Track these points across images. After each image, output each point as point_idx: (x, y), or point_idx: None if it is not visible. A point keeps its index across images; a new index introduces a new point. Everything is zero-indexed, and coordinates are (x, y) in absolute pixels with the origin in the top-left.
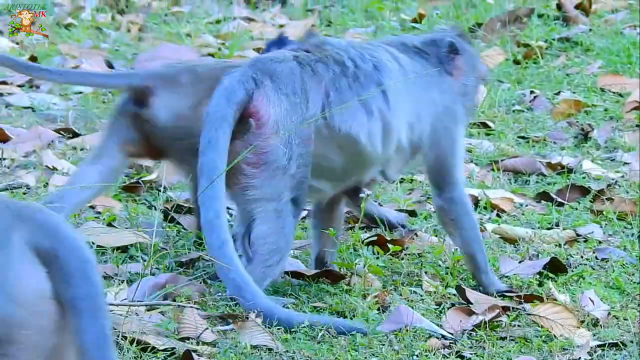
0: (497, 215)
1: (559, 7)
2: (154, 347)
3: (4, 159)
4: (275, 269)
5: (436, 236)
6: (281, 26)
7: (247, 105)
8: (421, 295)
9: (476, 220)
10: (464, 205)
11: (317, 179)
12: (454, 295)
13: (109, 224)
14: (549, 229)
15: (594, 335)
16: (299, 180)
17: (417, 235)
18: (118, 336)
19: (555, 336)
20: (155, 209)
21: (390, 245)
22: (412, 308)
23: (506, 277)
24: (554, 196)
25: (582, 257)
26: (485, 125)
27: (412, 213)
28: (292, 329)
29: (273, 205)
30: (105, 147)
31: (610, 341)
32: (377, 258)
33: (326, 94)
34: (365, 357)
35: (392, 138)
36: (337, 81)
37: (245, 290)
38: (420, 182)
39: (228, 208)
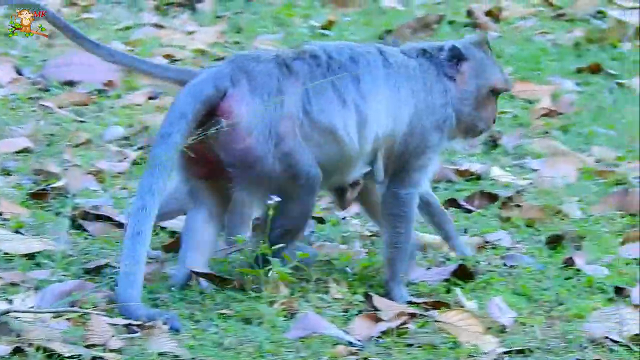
0: None
1: (469, 13)
2: (60, 355)
3: None
4: (295, 235)
5: (344, 244)
6: (191, 33)
7: (218, 103)
8: (329, 302)
9: (413, 230)
10: (407, 207)
11: None
12: (362, 302)
13: (16, 231)
14: None
15: (501, 342)
16: (301, 169)
17: (325, 243)
18: (24, 343)
19: (462, 343)
20: (63, 215)
21: (298, 252)
22: (320, 315)
23: (414, 283)
24: (463, 203)
25: (490, 264)
26: None
27: (320, 220)
28: (200, 337)
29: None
30: None
31: (517, 348)
32: (285, 265)
33: (305, 90)
34: None
35: (368, 130)
36: (313, 72)
37: (127, 281)
38: None
39: None
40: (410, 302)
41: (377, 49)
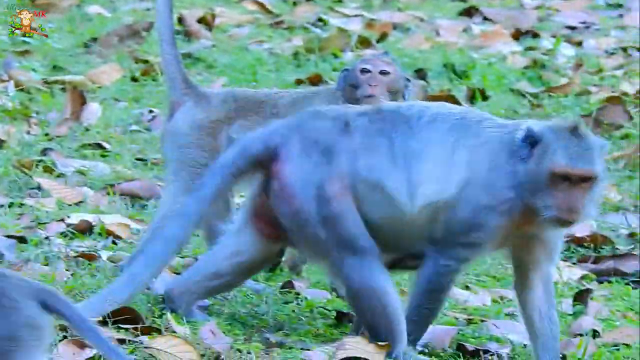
0: (113, 242)
1: (180, 20)
2: None
3: None
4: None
5: (47, 265)
6: None
7: (271, 164)
8: None
9: (442, 303)
10: (442, 278)
11: None
12: (66, 328)
13: None
14: None
15: None
16: (346, 236)
17: (27, 263)
18: None
19: None
20: None
21: None
22: None
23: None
24: None
25: None
26: (100, 146)
27: (21, 239)
28: None
29: (330, 260)
30: None
31: None
32: None
33: (355, 148)
34: None
35: (417, 190)
36: (369, 128)
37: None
38: (30, 206)
39: None
40: (119, 327)
41: (462, 112)
